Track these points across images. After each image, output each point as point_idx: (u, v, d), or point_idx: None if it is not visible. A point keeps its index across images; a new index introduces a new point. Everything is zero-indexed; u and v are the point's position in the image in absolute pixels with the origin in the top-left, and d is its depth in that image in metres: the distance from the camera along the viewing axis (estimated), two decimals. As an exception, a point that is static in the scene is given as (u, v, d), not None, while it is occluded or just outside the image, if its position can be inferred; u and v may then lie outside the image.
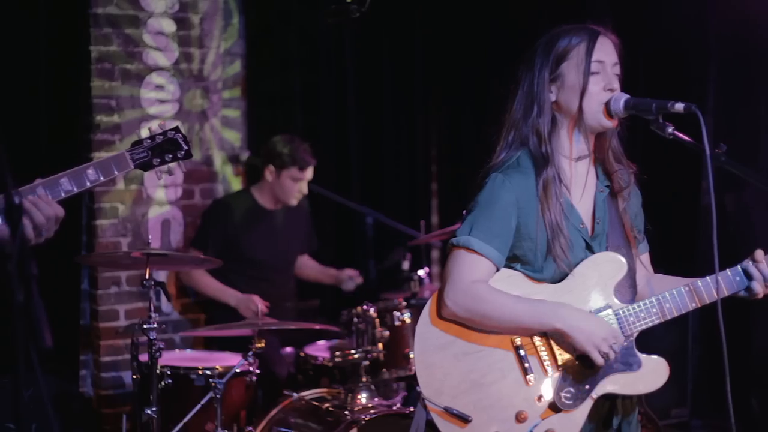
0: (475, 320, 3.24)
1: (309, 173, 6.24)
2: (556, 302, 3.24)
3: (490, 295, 3.22)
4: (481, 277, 3.24)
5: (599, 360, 3.19)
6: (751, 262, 3.31)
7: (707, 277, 3.30)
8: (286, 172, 6.19)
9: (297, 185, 6.22)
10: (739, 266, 3.33)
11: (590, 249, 3.31)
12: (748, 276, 3.30)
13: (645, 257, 3.52)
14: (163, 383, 4.75)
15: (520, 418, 3.21)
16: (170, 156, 3.69)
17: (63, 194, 3.36)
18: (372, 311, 5.33)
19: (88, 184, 3.49)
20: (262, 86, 6.96)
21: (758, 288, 3.30)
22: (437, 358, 3.27)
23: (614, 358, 3.21)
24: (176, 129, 3.71)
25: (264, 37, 6.96)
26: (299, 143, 6.23)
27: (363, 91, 7.31)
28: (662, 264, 3.62)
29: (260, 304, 5.42)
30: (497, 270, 3.27)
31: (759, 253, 3.31)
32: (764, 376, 7.61)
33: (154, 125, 3.69)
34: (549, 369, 3.25)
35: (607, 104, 3.23)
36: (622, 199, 3.40)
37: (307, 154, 6.21)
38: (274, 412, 5.11)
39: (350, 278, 6.50)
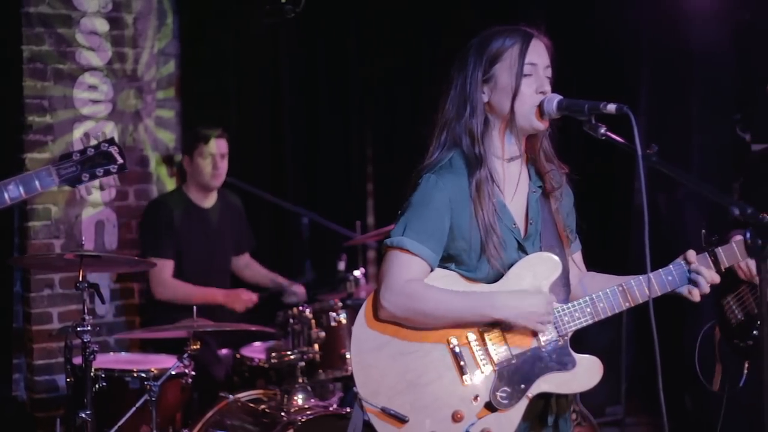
0: (412, 318, 3.24)
1: (215, 146, 6.16)
2: (489, 291, 3.26)
3: (425, 292, 3.24)
4: (415, 276, 3.25)
5: (541, 329, 3.26)
6: (683, 262, 3.34)
7: (639, 277, 3.33)
8: (196, 152, 6.16)
9: (209, 161, 6.16)
10: (671, 266, 3.36)
11: (523, 249, 3.33)
12: (684, 278, 3.34)
13: (578, 256, 3.54)
14: (97, 386, 4.70)
15: (456, 418, 3.22)
16: (101, 170, 3.57)
17: None
18: (308, 312, 5.33)
19: (8, 201, 3.36)
20: (196, 86, 6.93)
21: (693, 289, 3.33)
22: (374, 358, 3.27)
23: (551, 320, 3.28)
24: (111, 141, 3.62)
25: (198, 37, 6.93)
26: (202, 126, 6.23)
27: (298, 91, 7.30)
28: (597, 263, 3.65)
29: (250, 295, 5.39)
30: (431, 270, 3.28)
31: (691, 254, 3.34)
32: (697, 374, 7.70)
33: (90, 129, 3.61)
34: (485, 369, 3.26)
35: (540, 105, 3.25)
36: (554, 200, 3.42)
37: (209, 129, 6.19)
38: (209, 414, 5.09)
39: (295, 294, 6.42)
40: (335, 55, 7.44)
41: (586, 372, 3.32)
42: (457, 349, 3.25)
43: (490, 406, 3.24)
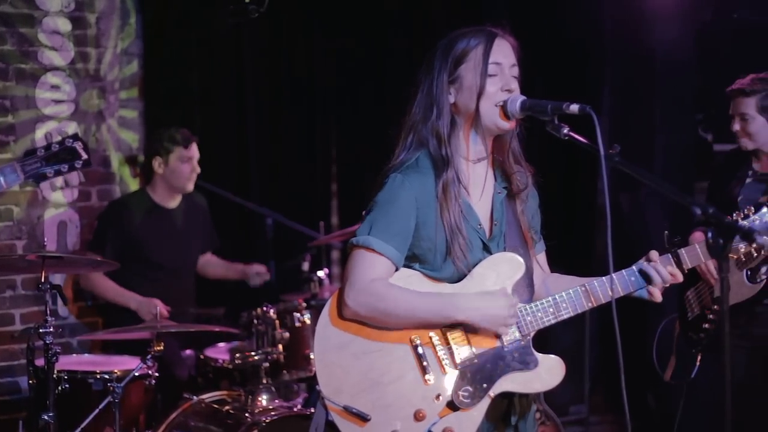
0: (376, 318, 3.25)
1: (194, 150, 6.18)
2: (453, 293, 3.28)
3: (389, 292, 3.25)
4: (380, 275, 3.26)
5: (505, 332, 3.28)
6: (646, 263, 3.36)
7: (602, 278, 3.35)
8: (173, 155, 6.14)
9: (187, 165, 6.16)
10: (634, 267, 3.38)
11: (488, 250, 3.34)
12: (647, 278, 3.36)
13: (541, 257, 3.56)
14: (60, 388, 4.68)
15: (418, 417, 3.23)
16: (66, 166, 3.58)
17: None
18: (272, 313, 5.33)
19: None
20: (159, 86, 6.89)
21: (656, 292, 3.35)
22: (337, 357, 3.28)
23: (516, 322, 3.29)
24: (75, 136, 3.62)
25: (162, 36, 6.89)
26: (175, 128, 6.20)
27: (262, 91, 7.28)
28: (560, 263, 3.67)
29: (161, 307, 5.38)
30: (396, 269, 3.29)
31: (653, 254, 3.36)
32: (659, 373, 7.75)
33: (53, 129, 3.59)
34: (447, 368, 3.27)
35: (504, 105, 3.27)
36: (520, 201, 3.44)
37: (186, 132, 6.19)
38: (173, 415, 5.07)
39: (257, 274, 6.44)
40: (299, 55, 7.42)
41: (548, 371, 3.33)
42: (419, 349, 3.26)
43: (452, 405, 3.25)
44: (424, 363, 3.26)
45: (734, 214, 3.41)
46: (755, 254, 3.76)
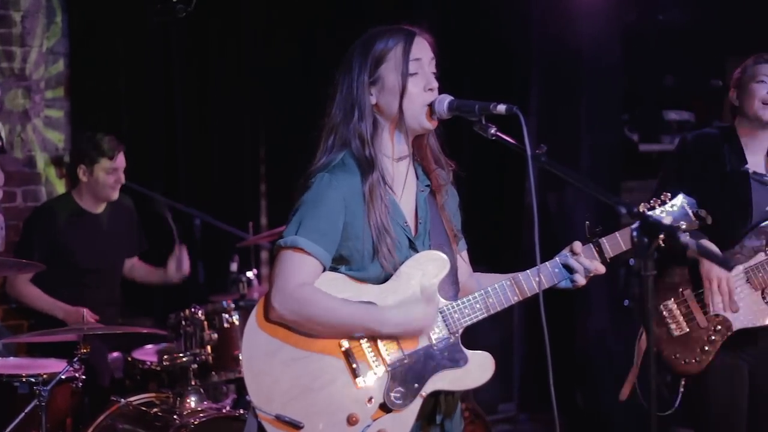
0: (301, 323, 3.22)
1: (120, 161, 6.12)
2: (379, 307, 3.26)
3: (316, 299, 3.22)
4: (308, 277, 3.23)
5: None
6: (570, 255, 3.40)
7: (527, 271, 3.37)
8: (98, 166, 6.08)
9: (112, 176, 6.11)
10: (557, 258, 3.41)
11: (414, 248, 3.34)
12: (569, 269, 3.39)
13: (464, 255, 3.58)
14: (-16, 392, 4.62)
15: (351, 421, 3.22)
16: None
17: None
18: (200, 314, 5.30)
19: None
20: (86, 86, 6.83)
21: (580, 279, 3.39)
22: (266, 364, 3.24)
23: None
24: None
25: (88, 35, 6.83)
26: (102, 135, 6.13)
27: (190, 90, 7.24)
28: (489, 261, 3.69)
29: (88, 316, 5.32)
30: (324, 269, 3.27)
31: (577, 245, 3.40)
32: (587, 370, 7.83)
33: None
34: (377, 370, 3.26)
35: (431, 106, 3.28)
36: (441, 198, 3.45)
37: (113, 142, 6.11)
38: (101, 418, 5.03)
39: (177, 269, 6.36)
40: (227, 55, 7.39)
41: (478, 368, 3.35)
42: (349, 353, 3.25)
43: (384, 407, 3.24)
44: (354, 366, 3.24)
45: (651, 201, 3.46)
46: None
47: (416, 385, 3.28)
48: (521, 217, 7.66)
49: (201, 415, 4.89)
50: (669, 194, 3.47)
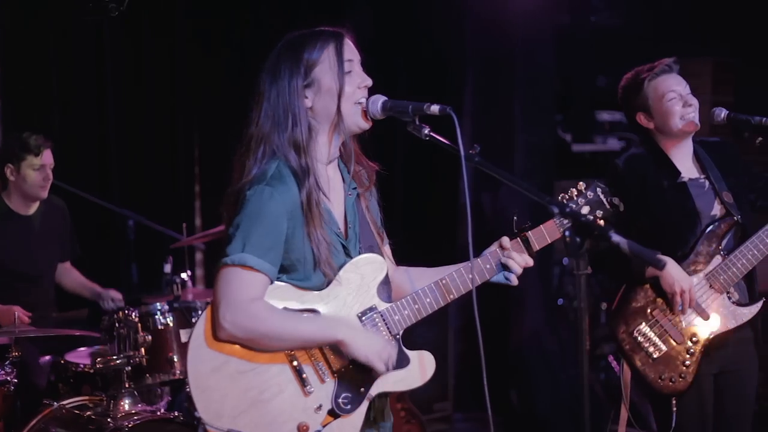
0: (255, 340, 3.20)
1: (47, 157, 6.05)
2: (335, 318, 3.27)
3: (269, 315, 3.20)
4: (258, 294, 3.20)
5: (383, 369, 3.26)
6: (499, 250, 3.42)
7: (460, 267, 3.39)
8: (25, 164, 6.01)
9: (40, 174, 6.04)
10: (488, 255, 3.43)
11: (347, 253, 3.34)
12: (504, 267, 3.41)
13: (387, 250, 3.58)
14: None
15: (301, 430, 3.22)
16: None
17: None
18: (134, 315, 5.26)
19: None
20: (17, 87, 6.76)
21: (513, 277, 3.42)
22: (213, 380, 3.21)
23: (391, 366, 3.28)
24: None
25: (19, 34, 6.76)
26: (29, 134, 6.07)
27: (123, 90, 7.19)
28: (424, 260, 3.69)
29: (20, 314, 5.26)
30: (271, 283, 3.24)
31: (505, 240, 3.43)
32: (522, 370, 7.89)
33: None
34: (325, 377, 3.26)
35: (366, 106, 3.28)
36: (365, 199, 3.47)
37: (39, 139, 6.04)
38: (33, 422, 4.99)
39: (112, 300, 6.31)
40: (161, 54, 7.35)
41: (421, 367, 3.38)
42: (296, 362, 3.24)
43: (333, 413, 3.25)
44: (303, 375, 3.24)
45: (569, 192, 3.49)
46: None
47: (362, 389, 3.29)
48: (456, 216, 7.70)
49: (135, 417, 4.86)
50: (584, 184, 3.51)
